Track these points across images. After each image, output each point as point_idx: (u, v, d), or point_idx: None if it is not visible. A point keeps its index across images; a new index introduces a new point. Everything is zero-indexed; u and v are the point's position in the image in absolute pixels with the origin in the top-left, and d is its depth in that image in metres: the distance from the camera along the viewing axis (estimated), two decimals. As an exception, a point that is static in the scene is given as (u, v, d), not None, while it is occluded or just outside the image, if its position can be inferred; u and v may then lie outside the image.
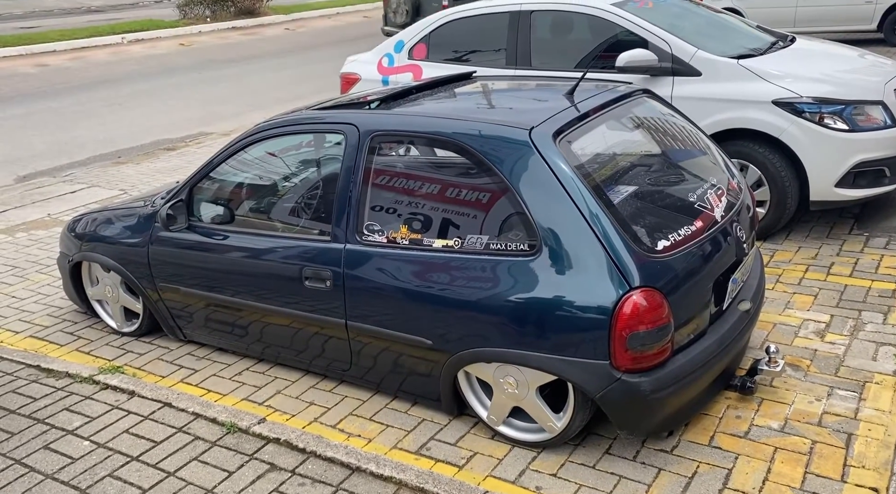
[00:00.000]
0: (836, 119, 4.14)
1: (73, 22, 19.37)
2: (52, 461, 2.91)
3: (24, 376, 3.56)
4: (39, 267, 4.96)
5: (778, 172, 4.28)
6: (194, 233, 3.44)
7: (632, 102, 3.18)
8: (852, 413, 2.87)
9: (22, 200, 6.46)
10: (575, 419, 2.66)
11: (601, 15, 4.72)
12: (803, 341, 3.40)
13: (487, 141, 2.72)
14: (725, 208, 2.89)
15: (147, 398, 3.29)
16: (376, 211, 2.92)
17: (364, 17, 20.47)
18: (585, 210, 2.50)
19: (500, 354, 2.65)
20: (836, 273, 4.05)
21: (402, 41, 5.59)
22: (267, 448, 2.90)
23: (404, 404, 3.13)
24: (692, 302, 2.62)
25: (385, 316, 2.89)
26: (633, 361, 2.45)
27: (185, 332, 3.75)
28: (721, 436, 2.79)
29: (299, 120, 3.30)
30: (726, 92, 4.32)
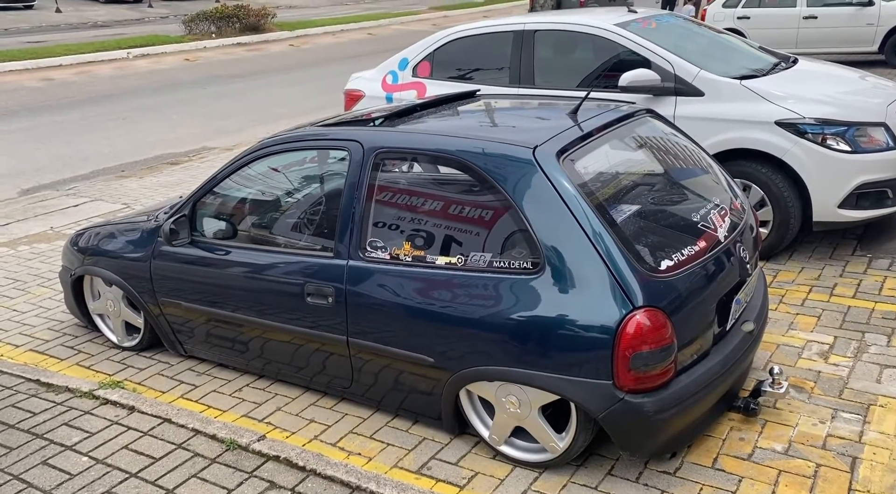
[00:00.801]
0: (838, 140, 4.15)
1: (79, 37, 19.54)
2: (50, 477, 2.89)
3: (24, 390, 3.54)
4: (41, 280, 4.96)
5: (781, 193, 4.28)
6: (197, 248, 3.44)
7: (635, 122, 3.20)
8: (857, 436, 2.85)
9: (25, 213, 6.47)
10: (577, 439, 2.64)
11: (605, 35, 4.75)
12: (807, 362, 3.39)
13: (491, 159, 2.73)
14: (729, 228, 2.89)
15: (147, 413, 3.27)
16: (379, 227, 2.92)
17: (368, 34, 20.63)
18: (588, 228, 2.50)
19: (502, 373, 2.64)
20: (840, 294, 4.04)
21: (406, 59, 5.63)
22: (266, 465, 2.88)
23: (405, 422, 3.11)
24: (695, 322, 2.61)
25: (387, 333, 2.88)
26: (636, 381, 2.43)
27: (186, 347, 3.74)
28: (724, 458, 2.77)
29: (303, 136, 3.31)
30: (729, 112, 4.33)
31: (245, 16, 19.72)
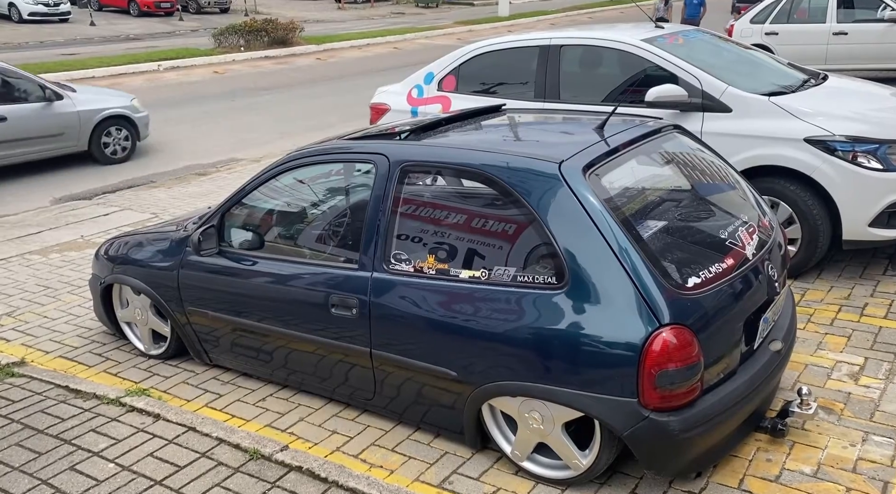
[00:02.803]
0: (869, 158, 4.09)
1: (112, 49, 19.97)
2: (77, 482, 2.93)
3: (53, 396, 3.60)
4: (71, 287, 5.05)
5: (810, 210, 4.23)
6: (224, 258, 3.48)
7: (662, 138, 3.18)
8: (889, 460, 2.79)
9: (56, 222, 6.61)
10: (601, 457, 2.62)
11: (631, 50, 4.75)
12: (836, 383, 3.32)
13: (516, 173, 2.73)
14: (757, 246, 2.86)
15: (172, 421, 3.30)
16: (404, 240, 2.94)
17: (394, 48, 20.82)
18: (614, 244, 2.49)
19: (525, 388, 2.63)
20: (870, 314, 3.97)
21: (431, 73, 5.67)
22: (289, 476, 2.89)
23: (427, 435, 3.11)
24: (722, 340, 2.58)
25: (410, 345, 2.89)
26: (662, 400, 2.41)
27: (211, 356, 3.78)
28: (751, 479, 2.72)
29: (330, 149, 3.35)
30: (757, 129, 4.30)
31: (273, 30, 20.00)
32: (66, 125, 8.24)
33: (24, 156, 8.02)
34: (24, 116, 7.85)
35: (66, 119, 8.21)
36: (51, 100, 8.11)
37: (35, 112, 7.96)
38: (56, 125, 8.16)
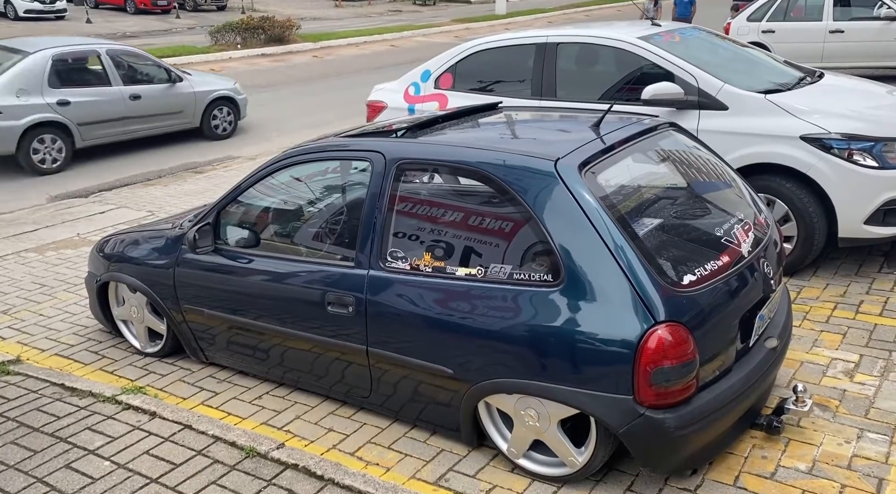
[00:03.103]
0: (865, 156, 4.10)
1: (109, 47, 19.89)
2: (72, 480, 2.93)
3: (49, 394, 3.59)
4: (67, 285, 5.04)
5: (805, 208, 4.23)
6: (220, 256, 3.48)
7: (658, 135, 3.19)
8: (883, 457, 2.79)
9: (53, 220, 6.59)
10: (597, 454, 2.62)
11: (627, 48, 4.75)
12: (832, 381, 3.33)
13: (513, 171, 2.73)
14: (752, 243, 2.87)
15: (168, 419, 3.30)
16: (400, 238, 2.94)
17: (391, 46, 20.79)
18: (610, 241, 2.49)
19: (521, 386, 2.63)
20: (866, 311, 3.98)
21: (428, 70, 5.66)
22: (285, 473, 2.89)
23: (423, 433, 3.11)
24: (718, 338, 2.58)
25: (406, 343, 2.89)
26: (658, 397, 2.41)
27: (207, 354, 3.77)
28: (746, 476, 2.73)
29: (327, 147, 3.34)
30: (753, 126, 4.30)
31: (270, 27, 19.95)
32: (185, 104, 9.45)
33: (152, 130, 9.21)
34: (154, 95, 9.08)
35: (186, 99, 9.43)
36: (174, 82, 9.32)
37: (162, 92, 9.20)
38: (177, 103, 9.37)
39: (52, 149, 8.15)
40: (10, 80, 7.87)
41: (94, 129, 8.49)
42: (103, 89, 8.58)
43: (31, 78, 7.98)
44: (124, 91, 8.75)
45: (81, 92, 8.37)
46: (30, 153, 7.99)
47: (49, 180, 7.99)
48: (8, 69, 7.97)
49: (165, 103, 9.22)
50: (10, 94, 7.80)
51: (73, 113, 8.24)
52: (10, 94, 7.81)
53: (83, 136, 8.41)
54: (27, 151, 7.96)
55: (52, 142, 8.13)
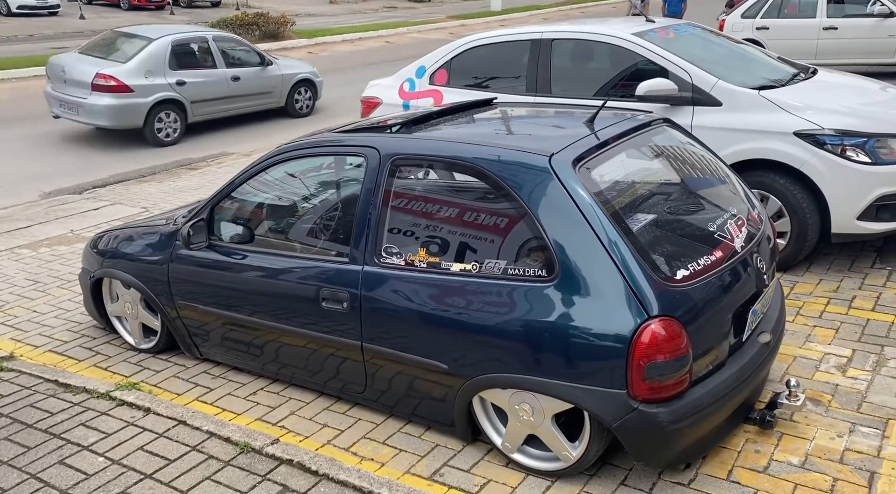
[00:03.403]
0: (858, 151, 4.12)
1: (102, 43, 19.80)
2: (66, 476, 2.92)
3: (43, 390, 3.59)
4: (61, 282, 5.03)
5: (799, 204, 4.25)
6: (214, 252, 3.47)
7: (652, 131, 3.19)
8: (875, 450, 2.81)
9: (46, 216, 6.57)
10: (591, 448, 2.63)
11: (622, 44, 4.75)
12: (824, 375, 3.35)
13: (507, 166, 2.73)
14: (746, 239, 2.88)
15: (162, 415, 3.30)
16: (395, 233, 2.94)
17: (386, 42, 20.75)
18: (604, 237, 2.50)
19: (515, 380, 2.64)
20: (858, 307, 4.00)
21: (423, 66, 5.66)
22: (280, 469, 2.89)
23: (418, 428, 3.12)
24: (711, 332, 2.59)
25: (401, 339, 2.89)
26: (651, 391, 2.42)
27: (202, 350, 3.77)
28: (739, 470, 2.74)
29: (321, 142, 3.34)
30: (747, 122, 4.31)
31: (265, 23, 19.88)
32: (274, 85, 10.53)
33: (247, 109, 10.29)
34: (250, 77, 10.20)
35: (275, 80, 10.50)
36: (265, 66, 10.40)
37: (256, 74, 10.30)
38: (268, 85, 10.46)
39: (170, 123, 9.30)
40: (139, 63, 9.05)
41: (203, 106, 9.67)
42: (210, 71, 9.73)
43: (155, 61, 9.15)
44: (227, 73, 9.88)
45: (194, 73, 9.53)
46: (154, 127, 9.14)
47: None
48: (137, 54, 9.12)
49: (259, 84, 10.31)
50: (140, 75, 8.99)
51: (188, 92, 9.41)
52: (140, 75, 9.00)
53: (194, 112, 9.57)
54: (152, 125, 9.12)
55: (170, 118, 9.28)
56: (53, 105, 9.45)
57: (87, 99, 8.87)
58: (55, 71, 9.47)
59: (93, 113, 8.91)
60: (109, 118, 8.91)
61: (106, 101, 8.79)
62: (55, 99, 9.35)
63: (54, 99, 9.37)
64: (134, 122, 9.03)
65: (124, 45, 9.40)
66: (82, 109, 8.96)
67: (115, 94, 8.80)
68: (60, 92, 9.24)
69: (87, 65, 9.11)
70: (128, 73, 8.90)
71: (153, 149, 9.07)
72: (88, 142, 9.51)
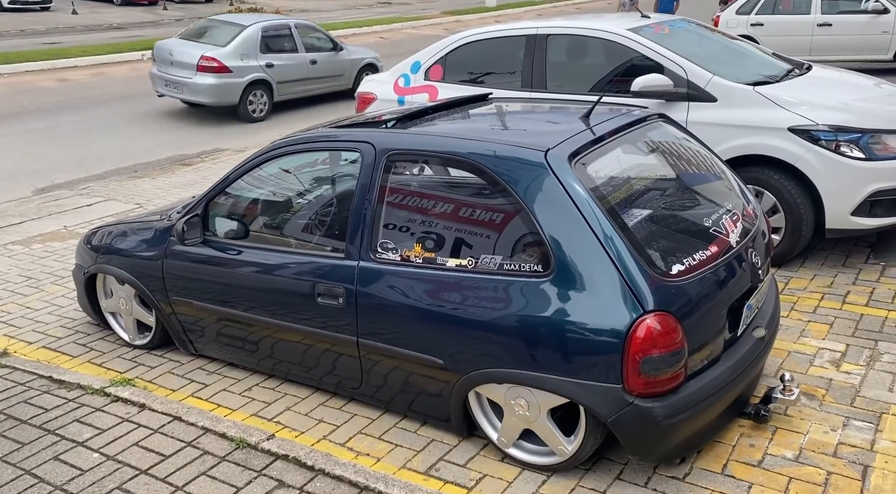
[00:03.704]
0: (852, 147, 4.13)
1: (95, 38, 19.72)
2: (61, 472, 2.91)
3: (37, 386, 3.57)
4: (54, 278, 5.01)
5: (793, 199, 4.26)
6: (209, 248, 3.46)
7: (647, 126, 3.19)
8: (868, 444, 2.83)
9: (39, 212, 6.53)
10: (586, 443, 2.63)
11: (617, 40, 4.75)
12: (818, 370, 3.36)
13: (503, 161, 2.73)
14: (740, 234, 2.89)
15: (157, 411, 3.29)
16: (390, 229, 2.93)
17: (381, 38, 20.71)
18: (600, 232, 2.50)
19: (511, 375, 2.64)
20: (852, 302, 4.02)
21: (418, 62, 5.65)
22: (275, 464, 2.89)
23: (414, 424, 3.12)
24: (706, 327, 2.60)
25: (397, 334, 2.89)
26: (646, 386, 2.43)
27: (197, 346, 3.76)
28: (734, 464, 2.75)
29: (316, 137, 3.33)
30: (742, 118, 4.32)
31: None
32: (345, 68, 11.54)
33: (321, 90, 11.26)
34: (325, 61, 11.19)
35: (345, 64, 11.53)
36: (337, 51, 11.45)
37: (330, 58, 11.31)
38: (340, 68, 11.45)
39: (260, 102, 10.35)
40: (236, 47, 10.14)
41: (287, 87, 10.67)
42: (293, 55, 10.75)
43: (249, 45, 10.24)
44: (306, 57, 10.90)
45: (279, 57, 10.55)
46: (247, 104, 10.20)
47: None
48: (234, 38, 10.23)
49: (332, 67, 11.28)
50: (237, 58, 10.07)
51: (275, 73, 10.43)
52: (237, 58, 10.07)
53: (279, 92, 10.58)
54: (245, 103, 10.18)
55: (260, 96, 10.32)
56: (158, 85, 10.44)
57: (192, 79, 9.92)
58: (162, 54, 10.41)
59: (197, 91, 9.95)
60: (211, 96, 9.96)
61: (209, 81, 9.88)
62: (160, 79, 10.34)
63: (159, 79, 10.37)
64: (231, 100, 10.06)
65: (220, 31, 10.51)
66: (187, 88, 10.00)
67: (217, 75, 9.88)
68: (166, 72, 10.26)
69: (191, 48, 10.16)
70: (227, 55, 9.98)
71: (144, 146, 9.03)
72: (81, 137, 9.46)
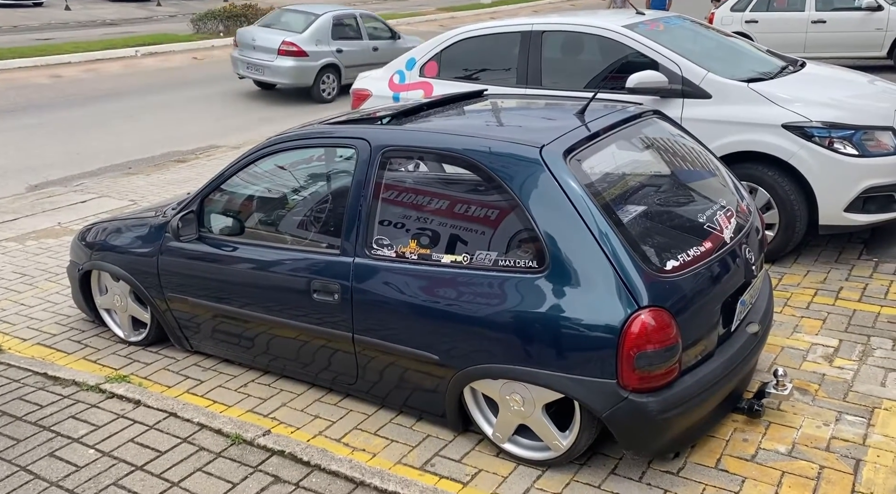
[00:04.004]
0: (845, 144, 4.15)
1: (88, 34, 19.63)
2: (57, 468, 2.91)
3: (32, 383, 3.57)
4: (49, 275, 4.99)
5: (787, 196, 4.28)
6: (204, 244, 3.46)
7: (642, 123, 3.20)
8: (861, 438, 2.85)
9: (33, 209, 6.51)
10: (581, 438, 2.65)
11: (612, 36, 4.76)
12: (811, 365, 3.39)
13: (498, 158, 2.74)
14: (734, 230, 2.90)
15: (153, 407, 3.29)
16: (386, 225, 2.94)
17: (375, 34, 20.64)
18: (594, 228, 2.51)
19: (506, 371, 2.65)
20: (845, 298, 4.04)
21: (413, 58, 5.65)
22: (271, 460, 2.90)
23: (409, 419, 3.13)
24: (700, 322, 2.61)
25: (392, 330, 2.90)
26: (641, 381, 2.44)
27: (192, 343, 3.76)
28: (728, 459, 2.77)
29: (311, 134, 3.33)
30: (736, 115, 4.34)
31: (253, 15, 19.72)
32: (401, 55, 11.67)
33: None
34: (385, 48, 11.67)
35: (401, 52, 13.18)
36: (395, 39, 12.22)
37: (389, 45, 11.87)
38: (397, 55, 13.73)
39: (330, 84, 11.37)
40: (312, 33, 11.23)
41: (353, 71, 10.60)
42: (358, 42, 11.68)
43: (322, 32, 11.32)
44: (369, 44, 11.77)
45: (347, 43, 11.54)
46: (319, 86, 11.23)
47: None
48: (310, 25, 11.32)
49: (390, 54, 11.03)
50: (312, 43, 11.15)
51: (343, 58, 11.41)
52: (312, 43, 11.15)
53: (345, 76, 11.34)
54: (318, 85, 11.21)
55: (330, 79, 11.35)
56: (240, 67, 11.56)
57: (273, 61, 10.99)
58: (245, 39, 11.45)
59: (277, 73, 11.03)
60: (290, 77, 11.01)
61: (289, 63, 10.94)
62: (242, 62, 11.46)
63: (241, 62, 11.48)
64: (306, 82, 11.09)
65: (295, 19, 11.61)
66: (268, 70, 11.09)
67: (296, 58, 10.96)
68: (248, 56, 11.34)
69: (272, 34, 11.23)
70: (305, 40, 11.07)
71: (140, 144, 9.00)
72: (74, 134, 9.42)
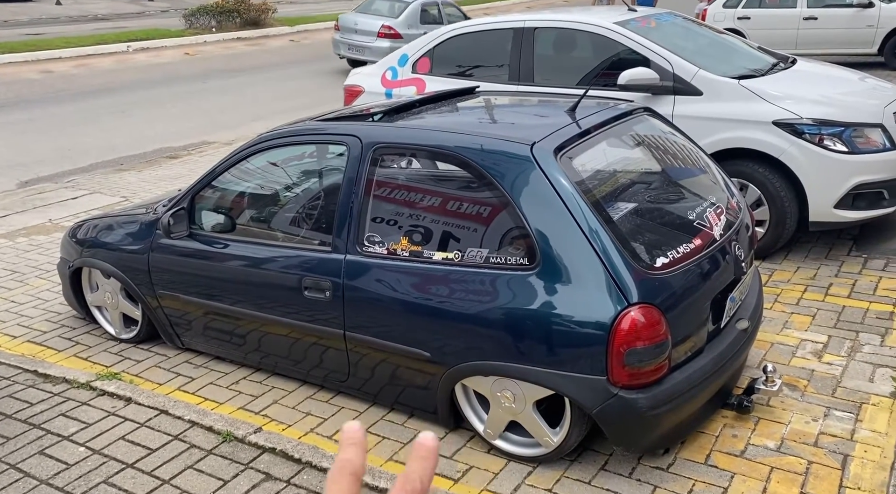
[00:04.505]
0: (835, 141, 4.17)
1: (79, 29, 19.49)
2: (46, 466, 2.91)
3: (21, 381, 3.55)
4: (39, 272, 4.97)
5: (777, 192, 4.30)
6: (195, 241, 3.45)
7: (633, 120, 3.21)
8: (849, 434, 2.87)
9: (23, 205, 6.47)
10: (571, 434, 2.66)
11: (604, 33, 4.76)
12: (801, 361, 3.41)
13: (489, 155, 2.74)
14: (724, 227, 2.91)
15: (144, 405, 3.28)
16: (377, 222, 2.94)
17: (369, 30, 20.57)
18: (585, 225, 2.52)
19: (497, 368, 2.66)
20: (835, 294, 4.06)
21: (406, 55, 5.63)
22: (263, 457, 2.90)
23: (401, 416, 3.13)
24: (690, 319, 2.63)
25: (383, 327, 2.90)
26: (631, 377, 2.45)
27: (184, 340, 3.75)
28: (717, 455, 2.79)
29: (302, 130, 3.32)
30: (727, 112, 4.35)
31: (246, 10, 19.66)
32: None
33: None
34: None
35: None
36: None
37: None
38: None
39: None
40: (405, 18, 12.77)
41: None
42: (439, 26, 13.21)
43: (413, 17, 12.87)
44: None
45: (431, 27, 11.23)
46: None
47: (20, 165, 7.87)
48: (403, 11, 12.87)
49: None
50: (405, 27, 12.56)
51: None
52: (406, 27, 12.56)
53: None
54: None
55: None
56: (342, 48, 13.02)
57: (374, 43, 12.44)
58: (347, 23, 13.02)
59: (376, 53, 11.65)
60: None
61: (387, 44, 12.16)
62: (343, 43, 12.96)
63: (343, 44, 12.98)
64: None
65: (387, 6, 13.08)
66: (368, 51, 12.34)
67: (393, 40, 12.29)
68: (349, 39, 12.87)
69: (371, 19, 12.78)
70: (400, 24, 12.58)
71: (131, 140, 8.96)
72: (65, 129, 9.37)
